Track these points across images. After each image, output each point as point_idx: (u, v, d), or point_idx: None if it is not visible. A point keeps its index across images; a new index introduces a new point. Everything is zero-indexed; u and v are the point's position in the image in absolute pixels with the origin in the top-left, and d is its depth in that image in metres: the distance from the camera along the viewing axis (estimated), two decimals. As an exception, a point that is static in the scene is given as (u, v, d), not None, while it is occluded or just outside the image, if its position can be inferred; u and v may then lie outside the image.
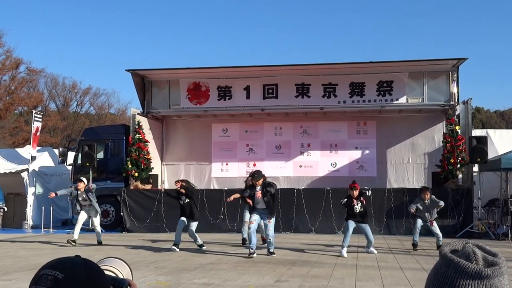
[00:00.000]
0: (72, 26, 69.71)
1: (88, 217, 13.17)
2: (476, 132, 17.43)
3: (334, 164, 18.07)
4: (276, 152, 18.38)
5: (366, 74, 16.75)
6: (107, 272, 1.38)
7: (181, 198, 11.63)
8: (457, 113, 16.14)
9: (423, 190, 11.64)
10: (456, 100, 16.39)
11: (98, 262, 1.46)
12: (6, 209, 18.25)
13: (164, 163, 18.97)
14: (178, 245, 11.36)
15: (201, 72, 17.79)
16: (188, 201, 11.55)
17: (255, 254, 10.05)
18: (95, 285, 1.22)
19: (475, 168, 15.79)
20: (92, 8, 70.84)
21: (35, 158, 18.31)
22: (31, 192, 17.86)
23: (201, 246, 11.57)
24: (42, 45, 67.55)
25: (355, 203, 10.83)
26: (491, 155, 14.98)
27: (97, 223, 13.05)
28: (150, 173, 17.18)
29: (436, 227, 11.43)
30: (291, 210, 15.59)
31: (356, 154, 18.00)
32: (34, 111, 19.41)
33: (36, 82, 42.23)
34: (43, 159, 19.54)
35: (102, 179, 17.57)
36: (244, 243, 11.86)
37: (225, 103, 17.51)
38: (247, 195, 10.69)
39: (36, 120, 18.45)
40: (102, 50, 71.35)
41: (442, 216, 14.07)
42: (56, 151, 20.33)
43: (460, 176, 15.48)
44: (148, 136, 17.53)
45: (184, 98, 17.69)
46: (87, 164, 16.49)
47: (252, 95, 17.28)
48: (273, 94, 17.18)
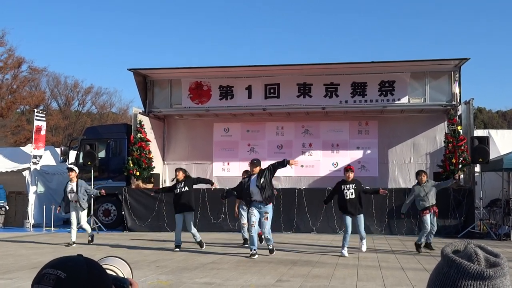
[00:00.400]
0: (74, 25, 69.90)
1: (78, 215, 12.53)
2: (478, 133, 17.41)
3: (335, 164, 18.06)
4: (278, 152, 18.36)
5: (368, 74, 16.72)
6: (108, 271, 1.38)
7: (177, 187, 11.26)
8: (459, 113, 16.14)
9: (420, 173, 11.09)
10: (458, 100, 16.37)
11: (98, 261, 1.47)
12: (8, 207, 18.30)
13: (165, 163, 18.98)
14: (180, 246, 11.26)
15: (203, 71, 17.78)
16: (186, 189, 11.23)
17: (256, 256, 9.94)
18: (97, 284, 1.22)
19: (477, 168, 15.77)
20: (95, 7, 71.00)
21: (41, 157, 18.34)
22: (33, 191, 17.88)
23: (200, 244, 11.35)
24: (44, 44, 67.73)
25: (347, 188, 10.19)
26: (492, 156, 14.98)
27: (84, 220, 12.58)
28: (152, 172, 17.21)
29: (435, 220, 10.93)
30: (292, 209, 15.58)
31: (357, 154, 17.99)
32: (35, 110, 19.43)
33: (38, 81, 42.39)
34: (45, 158, 19.56)
35: (103, 178, 17.63)
36: (246, 242, 11.67)
37: (226, 102, 17.51)
38: (239, 190, 10.56)
39: (38, 119, 18.46)
40: (104, 49, 71.52)
41: (444, 216, 14.07)
42: (58, 150, 20.37)
43: (462, 176, 15.46)
44: (150, 135, 17.55)
45: (186, 97, 17.69)
46: (89, 163, 16.51)
47: (253, 94, 17.27)
48: (274, 94, 17.17)
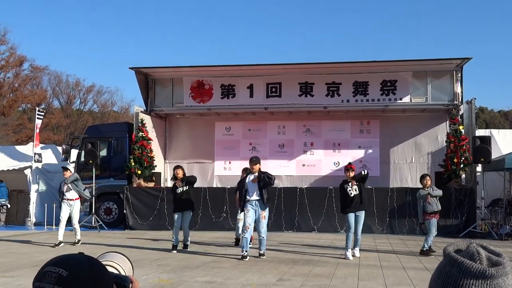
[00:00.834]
0: (76, 24, 69.92)
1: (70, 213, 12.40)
2: (480, 132, 17.41)
3: (337, 163, 18.05)
4: (279, 151, 18.37)
5: (370, 73, 16.70)
6: (109, 268, 1.38)
7: (178, 186, 11.29)
8: (460, 113, 16.12)
9: (425, 177, 10.84)
10: (460, 100, 16.34)
11: (99, 257, 1.46)
12: (10, 206, 18.32)
13: (167, 161, 18.98)
14: (177, 246, 11.20)
15: (204, 70, 17.75)
16: (186, 188, 11.26)
17: (247, 258, 9.72)
18: (99, 282, 1.22)
19: (479, 168, 15.76)
20: (96, 6, 70.99)
21: (41, 155, 18.36)
22: (34, 189, 17.90)
23: (186, 246, 11.31)
24: (46, 42, 67.74)
25: (350, 185, 10.15)
26: (494, 155, 14.97)
27: (76, 219, 12.49)
28: (153, 171, 17.21)
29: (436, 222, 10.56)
30: (293, 209, 15.59)
31: (359, 154, 17.98)
32: (37, 109, 19.45)
33: (40, 79, 42.43)
34: (46, 157, 19.59)
35: (105, 177, 17.66)
36: (237, 243, 11.55)
37: (228, 101, 17.49)
38: (240, 188, 10.42)
39: (39, 117, 18.49)
40: (106, 48, 71.51)
41: (445, 216, 14.05)
42: (60, 149, 20.41)
43: (463, 176, 15.45)
44: (151, 134, 17.54)
45: (188, 96, 17.67)
46: (90, 161, 16.53)
47: (255, 93, 17.26)
48: (276, 93, 17.16)
